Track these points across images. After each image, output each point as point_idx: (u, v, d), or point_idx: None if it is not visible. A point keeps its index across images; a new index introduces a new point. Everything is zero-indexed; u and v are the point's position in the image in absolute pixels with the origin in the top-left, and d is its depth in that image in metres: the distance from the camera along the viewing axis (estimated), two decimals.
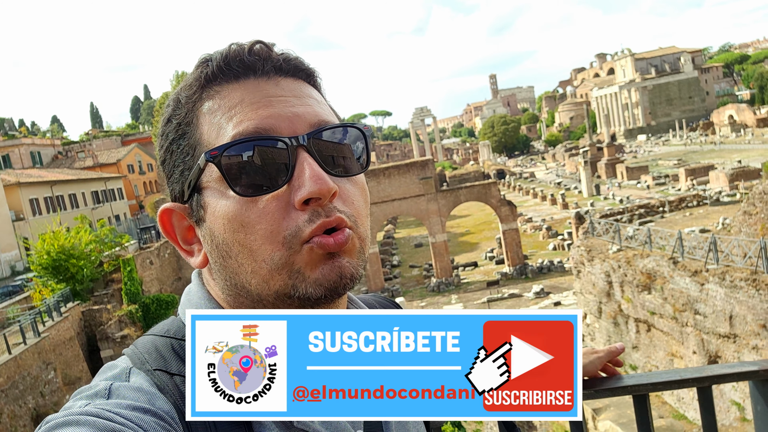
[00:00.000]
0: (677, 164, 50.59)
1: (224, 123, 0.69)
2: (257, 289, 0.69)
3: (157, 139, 0.77)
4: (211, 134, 0.70)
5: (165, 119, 0.74)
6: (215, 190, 0.69)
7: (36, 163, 55.04)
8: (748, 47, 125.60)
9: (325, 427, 0.72)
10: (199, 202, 0.71)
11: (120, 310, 23.58)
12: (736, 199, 25.58)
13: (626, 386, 1.16)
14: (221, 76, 0.71)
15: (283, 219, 0.67)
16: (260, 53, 0.72)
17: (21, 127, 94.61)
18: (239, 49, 0.72)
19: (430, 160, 34.14)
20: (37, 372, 16.75)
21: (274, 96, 0.70)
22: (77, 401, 0.63)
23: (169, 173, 0.74)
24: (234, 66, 0.71)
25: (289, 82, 0.73)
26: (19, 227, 34.91)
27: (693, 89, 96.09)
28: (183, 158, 0.72)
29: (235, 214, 0.67)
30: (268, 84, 0.71)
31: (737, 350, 12.44)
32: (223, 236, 0.69)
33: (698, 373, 1.18)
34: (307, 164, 0.67)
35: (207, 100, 0.71)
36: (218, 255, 0.71)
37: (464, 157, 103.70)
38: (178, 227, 0.75)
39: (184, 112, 0.72)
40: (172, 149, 0.73)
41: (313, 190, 0.66)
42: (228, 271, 0.71)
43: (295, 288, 0.68)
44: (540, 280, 28.73)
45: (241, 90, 0.70)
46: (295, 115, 0.70)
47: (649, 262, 15.49)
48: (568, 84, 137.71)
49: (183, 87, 0.73)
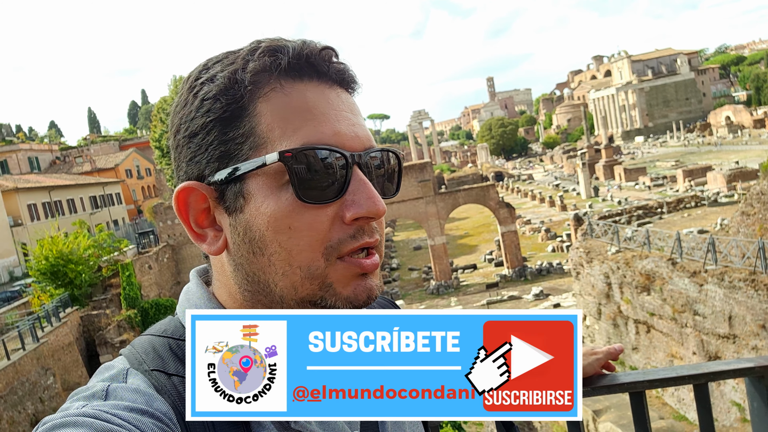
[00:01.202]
0: (675, 165, 50.68)
1: (291, 124, 0.68)
2: (282, 292, 0.69)
3: (184, 109, 0.71)
4: (273, 130, 0.68)
5: (210, 94, 0.69)
6: (267, 185, 0.68)
7: (34, 169, 55.00)
8: (744, 48, 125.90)
9: (322, 428, 0.73)
10: (241, 191, 0.69)
11: (119, 315, 23.54)
12: (734, 200, 25.63)
13: (623, 383, 1.17)
14: (290, 71, 0.69)
15: (329, 230, 0.68)
16: (329, 58, 0.72)
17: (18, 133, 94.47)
18: (313, 49, 0.71)
19: (429, 163, 34.15)
20: (35, 378, 16.70)
21: (338, 110, 0.71)
22: (74, 402, 0.63)
23: (197, 150, 0.70)
24: (304, 65, 0.70)
25: (347, 96, 0.74)
26: (17, 233, 34.85)
27: (690, 91, 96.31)
28: (227, 141, 0.68)
29: (285, 215, 0.67)
30: (332, 93, 0.71)
31: (737, 351, 12.45)
32: (263, 233, 0.68)
33: (694, 370, 1.19)
34: (363, 182, 0.69)
35: (271, 91, 0.68)
36: (248, 249, 0.69)
37: (462, 160, 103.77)
38: (194, 208, 0.72)
39: (240, 95, 0.68)
40: (213, 126, 0.68)
41: (371, 209, 0.68)
42: (254, 267, 0.70)
43: (324, 300, 0.68)
44: (539, 282, 28.72)
45: (308, 94, 0.69)
46: (356, 135, 0.71)
47: (648, 263, 15.51)
48: (565, 86, 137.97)
49: (240, 69, 0.68)
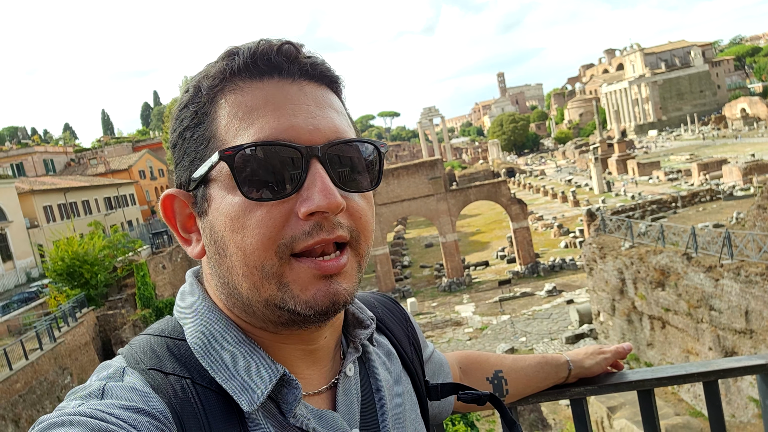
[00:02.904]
0: (690, 159, 50.06)
1: (244, 122, 0.68)
2: (248, 293, 0.68)
3: (170, 121, 0.75)
4: (229, 130, 0.68)
5: (182, 104, 0.73)
6: (223, 186, 0.68)
7: (49, 171, 55.69)
8: (759, 39, 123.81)
9: (320, 425, 0.73)
10: (205, 195, 0.70)
11: (134, 314, 23.83)
12: (749, 193, 25.23)
13: (630, 381, 1.16)
14: (246, 71, 0.69)
15: (282, 227, 0.66)
16: (288, 54, 0.70)
17: (34, 136, 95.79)
18: (268, 47, 0.70)
19: (439, 160, 34.03)
20: (53, 377, 16.94)
21: (296, 103, 0.69)
22: (71, 401, 0.63)
23: (179, 159, 0.73)
24: (261, 63, 0.69)
25: (313, 88, 0.71)
26: (33, 234, 35.31)
27: (704, 83, 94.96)
28: (195, 147, 0.70)
29: (237, 215, 0.67)
30: (292, 87, 0.70)
31: (754, 346, 12.28)
32: (222, 233, 0.68)
33: (703, 367, 1.17)
34: (318, 176, 0.66)
35: (229, 93, 0.69)
36: (215, 251, 0.70)
37: (473, 156, 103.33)
38: (180, 214, 0.74)
39: (203, 101, 0.70)
40: (186, 136, 0.72)
41: (321, 204, 0.65)
42: (222, 269, 0.70)
43: (284, 302, 0.67)
44: (552, 279, 28.53)
45: (264, 90, 0.69)
46: (316, 128, 0.69)
47: (662, 258, 15.33)
48: (577, 80, 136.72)
49: (205, 76, 0.71)
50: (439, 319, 25.82)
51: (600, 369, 1.24)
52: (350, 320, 0.85)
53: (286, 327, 0.71)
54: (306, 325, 0.70)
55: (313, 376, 0.78)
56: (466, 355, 1.23)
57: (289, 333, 0.72)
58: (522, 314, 24.48)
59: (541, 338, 21.36)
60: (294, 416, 0.70)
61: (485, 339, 22.45)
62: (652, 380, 1.16)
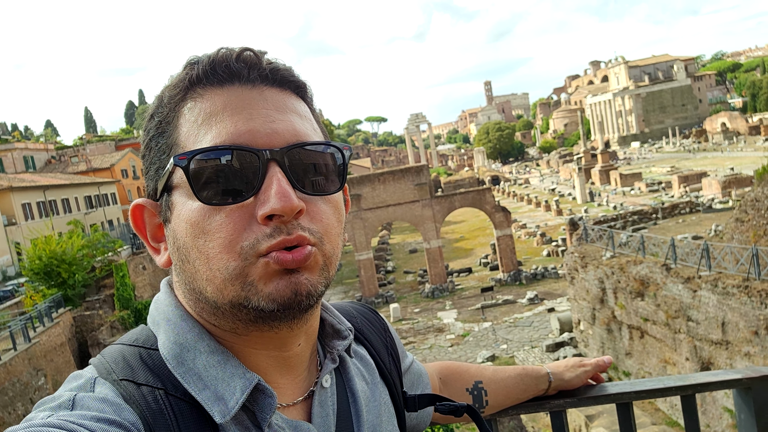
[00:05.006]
0: (670, 171, 50.89)
1: (202, 128, 0.69)
2: (213, 297, 0.68)
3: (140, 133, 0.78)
4: (189, 138, 0.69)
5: (148, 115, 0.74)
6: (184, 192, 0.69)
7: (29, 168, 54.74)
8: (740, 55, 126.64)
9: (293, 429, 0.72)
10: (168, 203, 0.71)
11: (112, 315, 23.43)
12: (728, 206, 25.72)
13: (609, 394, 1.16)
14: (206, 79, 0.70)
15: (243, 230, 0.66)
16: (248, 60, 0.71)
17: (14, 132, 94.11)
18: (227, 55, 0.71)
19: (425, 166, 34.17)
20: (27, 378, 16.58)
21: (255, 107, 0.69)
22: (39, 412, 0.62)
23: (146, 169, 0.74)
24: (219, 71, 0.70)
25: (274, 93, 0.72)
26: (11, 232, 34.65)
27: (686, 97, 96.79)
28: (159, 156, 0.72)
29: (197, 220, 0.67)
30: (252, 93, 0.70)
31: (729, 357, 12.47)
32: (184, 240, 0.68)
33: (681, 381, 1.18)
34: (275, 179, 0.66)
35: (189, 101, 0.70)
36: (178, 258, 0.70)
37: (459, 163, 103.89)
38: (149, 224, 0.75)
39: (165, 111, 0.72)
40: (151, 146, 0.73)
41: (276, 207, 0.65)
42: (186, 275, 0.70)
43: (248, 300, 0.66)
44: (534, 287, 28.74)
45: (223, 97, 0.69)
46: (274, 131, 0.69)
47: (642, 268, 15.54)
48: (563, 91, 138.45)
49: (168, 86, 0.73)
50: (421, 325, 25.83)
51: (580, 382, 1.24)
52: (328, 331, 0.84)
53: (255, 325, 0.70)
54: (273, 322, 0.69)
55: (288, 385, 0.77)
56: (447, 365, 1.22)
57: (260, 335, 0.71)
58: (503, 321, 24.60)
59: (522, 346, 21.47)
60: (269, 425, 0.69)
61: (467, 346, 22.49)
62: (631, 393, 1.16)
